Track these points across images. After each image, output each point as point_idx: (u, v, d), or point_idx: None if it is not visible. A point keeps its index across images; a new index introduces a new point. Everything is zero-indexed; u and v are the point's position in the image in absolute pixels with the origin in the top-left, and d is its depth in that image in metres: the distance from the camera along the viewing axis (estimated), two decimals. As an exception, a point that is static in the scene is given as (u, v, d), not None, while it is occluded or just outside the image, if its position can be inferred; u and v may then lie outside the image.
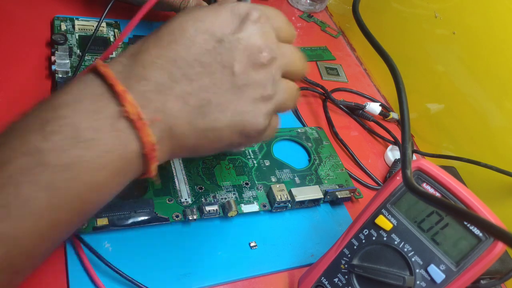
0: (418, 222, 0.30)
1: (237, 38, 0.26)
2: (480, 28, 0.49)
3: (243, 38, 0.26)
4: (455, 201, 0.28)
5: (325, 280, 0.34)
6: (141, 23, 0.58)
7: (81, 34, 0.50)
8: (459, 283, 0.28)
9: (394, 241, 0.30)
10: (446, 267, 0.28)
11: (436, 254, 0.29)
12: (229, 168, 0.43)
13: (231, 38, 0.26)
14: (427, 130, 0.57)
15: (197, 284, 0.35)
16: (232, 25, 0.26)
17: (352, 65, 0.66)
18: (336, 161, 0.48)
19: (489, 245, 0.27)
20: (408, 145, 0.28)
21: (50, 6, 0.53)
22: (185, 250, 0.37)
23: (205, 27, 0.25)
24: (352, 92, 0.60)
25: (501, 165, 0.46)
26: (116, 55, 0.27)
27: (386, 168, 0.53)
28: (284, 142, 0.49)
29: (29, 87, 0.44)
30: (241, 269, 0.37)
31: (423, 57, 0.57)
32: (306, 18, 0.71)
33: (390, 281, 0.29)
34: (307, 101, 0.57)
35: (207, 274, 0.36)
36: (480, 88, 0.50)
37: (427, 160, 0.41)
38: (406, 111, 0.29)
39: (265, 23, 0.27)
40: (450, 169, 0.51)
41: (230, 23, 0.26)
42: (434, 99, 0.56)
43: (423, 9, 0.56)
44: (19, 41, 0.48)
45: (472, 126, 0.51)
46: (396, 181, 0.31)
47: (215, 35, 0.25)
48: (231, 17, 0.26)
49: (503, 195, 0.47)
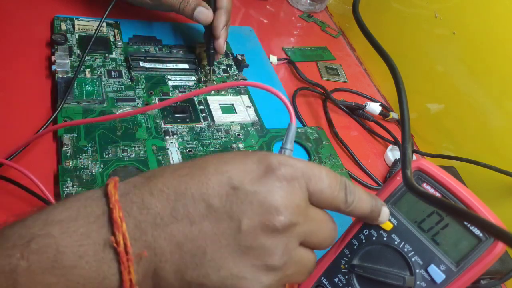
0: (418, 222, 0.30)
1: (254, 191, 0.23)
2: (480, 28, 0.49)
3: (260, 192, 0.23)
4: (455, 201, 0.28)
5: (325, 280, 0.34)
6: (141, 23, 0.59)
7: (81, 34, 0.50)
8: (459, 283, 0.28)
9: (394, 241, 0.30)
10: (446, 267, 0.28)
11: (436, 254, 0.29)
12: (229, 168, 0.43)
13: (247, 188, 0.23)
14: (427, 130, 0.57)
15: (197, 284, 0.35)
16: (253, 174, 0.23)
17: (352, 65, 0.66)
18: (336, 161, 0.49)
19: (489, 245, 0.27)
20: (408, 145, 0.28)
21: (50, 6, 0.53)
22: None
23: (226, 169, 0.23)
24: (352, 92, 0.60)
25: (501, 165, 0.46)
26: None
27: (386, 168, 0.53)
28: (284, 142, 0.49)
29: (29, 87, 0.44)
30: (241, 269, 0.37)
31: (423, 57, 0.57)
32: (306, 18, 0.71)
33: (390, 281, 0.29)
34: (307, 101, 0.57)
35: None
36: (480, 88, 0.50)
37: (427, 160, 0.41)
38: (406, 111, 0.29)
39: (295, 182, 0.24)
40: (450, 169, 0.51)
41: (253, 171, 0.23)
42: (434, 99, 0.56)
43: (423, 9, 0.56)
44: (19, 41, 0.48)
45: (472, 126, 0.51)
46: (396, 181, 0.31)
47: (231, 180, 0.23)
48: (256, 166, 0.24)
49: (503, 195, 0.47)
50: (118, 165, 0.39)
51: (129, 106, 0.45)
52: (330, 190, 0.25)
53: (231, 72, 0.54)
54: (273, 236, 0.23)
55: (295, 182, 0.24)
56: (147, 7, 0.51)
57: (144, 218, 0.22)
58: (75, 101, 0.43)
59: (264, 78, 0.56)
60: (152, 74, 0.50)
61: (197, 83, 0.51)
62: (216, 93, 0.51)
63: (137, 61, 0.49)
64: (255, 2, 0.70)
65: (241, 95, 0.52)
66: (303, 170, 0.24)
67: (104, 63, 0.48)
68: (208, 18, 0.47)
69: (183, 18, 0.51)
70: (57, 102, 0.42)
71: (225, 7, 0.47)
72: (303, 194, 0.24)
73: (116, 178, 0.24)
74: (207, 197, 0.23)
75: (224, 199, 0.23)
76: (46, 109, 0.43)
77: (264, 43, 0.62)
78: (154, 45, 0.53)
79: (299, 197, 0.24)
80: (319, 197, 0.25)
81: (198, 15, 0.46)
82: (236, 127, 0.48)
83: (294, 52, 0.64)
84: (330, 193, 0.25)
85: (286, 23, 0.70)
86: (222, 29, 0.48)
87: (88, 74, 0.46)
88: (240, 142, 0.46)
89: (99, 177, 0.37)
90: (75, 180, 0.37)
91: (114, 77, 0.47)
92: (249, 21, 0.66)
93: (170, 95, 0.48)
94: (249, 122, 0.49)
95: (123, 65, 0.49)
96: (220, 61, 0.55)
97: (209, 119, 0.47)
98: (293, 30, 0.69)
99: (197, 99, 0.49)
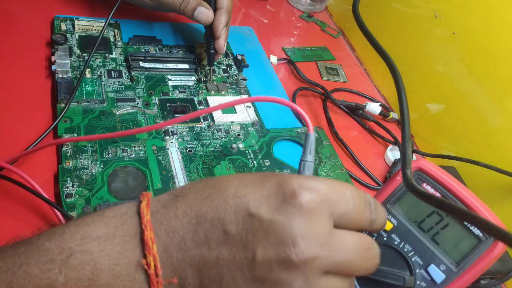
0: (418, 222, 0.30)
1: (270, 219, 0.21)
2: (480, 28, 0.49)
3: (277, 221, 0.21)
4: (455, 201, 0.28)
5: (325, 280, 0.33)
6: (141, 23, 0.59)
7: (81, 34, 0.50)
8: (459, 283, 0.28)
9: (394, 241, 0.30)
10: (446, 267, 0.28)
11: (436, 254, 0.29)
12: (229, 168, 0.43)
13: (264, 216, 0.21)
14: (427, 130, 0.57)
15: (197, 284, 0.35)
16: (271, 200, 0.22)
17: (352, 65, 0.66)
18: (336, 161, 0.49)
19: (489, 245, 0.27)
20: (408, 145, 0.28)
21: (50, 6, 0.53)
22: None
23: (244, 193, 0.22)
24: (352, 92, 0.60)
25: (501, 165, 0.46)
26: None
27: (386, 168, 0.53)
28: (284, 142, 0.49)
29: (29, 87, 0.44)
30: (241, 269, 0.37)
31: (423, 57, 0.57)
32: (306, 18, 0.71)
33: (390, 281, 0.29)
34: (307, 101, 0.57)
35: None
36: (480, 88, 0.50)
37: (427, 160, 0.41)
38: (406, 111, 0.29)
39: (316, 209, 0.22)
40: (450, 169, 0.51)
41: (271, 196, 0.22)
42: (434, 99, 0.56)
43: (423, 9, 0.56)
44: (19, 41, 0.48)
45: (472, 126, 0.51)
46: (396, 181, 0.31)
47: (248, 207, 0.22)
48: (276, 190, 0.22)
49: (503, 195, 0.47)
50: (118, 165, 0.39)
51: (129, 106, 0.45)
52: (355, 212, 0.23)
53: (231, 72, 0.54)
54: (290, 269, 0.21)
55: (316, 208, 0.22)
56: (147, 7, 0.51)
57: (171, 241, 0.22)
58: (75, 101, 0.43)
59: (264, 78, 0.56)
60: (152, 74, 0.50)
61: (197, 83, 0.51)
62: (216, 93, 0.51)
63: (137, 61, 0.49)
64: (255, 2, 0.70)
65: (241, 95, 0.52)
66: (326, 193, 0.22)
67: (104, 63, 0.48)
68: (209, 18, 0.47)
69: (183, 18, 0.51)
70: (57, 102, 0.42)
71: (226, 7, 0.47)
72: (326, 221, 0.22)
73: (149, 195, 0.24)
74: (223, 223, 0.22)
75: (241, 226, 0.22)
76: (46, 109, 0.43)
77: (264, 43, 0.62)
78: (154, 45, 0.53)
79: (321, 224, 0.22)
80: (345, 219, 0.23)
81: (199, 15, 0.46)
82: (236, 127, 0.48)
83: (294, 52, 0.64)
84: (356, 215, 0.23)
85: (286, 23, 0.69)
86: (223, 29, 0.48)
87: (88, 74, 0.46)
88: (240, 142, 0.46)
89: (99, 177, 0.37)
90: (75, 180, 0.37)
91: (114, 77, 0.47)
92: (249, 21, 0.67)
93: (170, 95, 0.48)
94: (249, 122, 0.49)
95: (123, 65, 0.49)
96: (220, 61, 0.55)
97: (209, 119, 0.47)
98: (293, 30, 0.69)
99: (197, 99, 0.49)
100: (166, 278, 0.22)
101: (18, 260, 0.21)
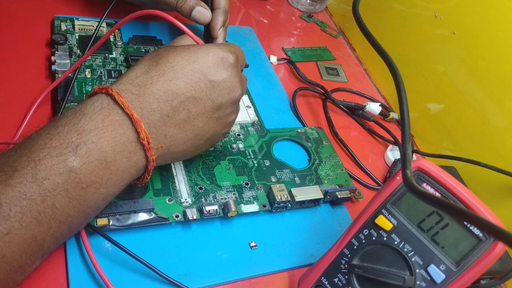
0: (418, 222, 0.30)
1: (222, 80, 0.34)
2: (480, 28, 0.49)
3: (225, 80, 0.34)
4: (455, 201, 0.28)
5: (325, 280, 0.34)
6: (141, 23, 0.59)
7: (81, 34, 0.50)
8: (459, 283, 0.28)
9: (394, 241, 0.30)
10: (446, 267, 0.28)
11: (436, 254, 0.29)
12: (229, 168, 0.43)
13: (218, 78, 0.33)
14: (427, 130, 0.57)
15: (197, 284, 0.35)
16: (218, 67, 0.33)
17: (352, 65, 0.66)
18: (336, 161, 0.49)
19: (489, 245, 0.27)
20: (408, 145, 0.28)
21: (50, 6, 0.53)
22: (185, 250, 0.37)
23: (198, 67, 0.32)
24: (352, 92, 0.60)
25: (501, 165, 0.46)
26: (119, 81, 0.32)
27: (386, 168, 0.53)
28: (284, 142, 0.49)
29: (29, 87, 0.44)
30: (241, 269, 0.37)
31: (423, 57, 0.57)
32: (306, 18, 0.71)
33: (390, 281, 0.29)
34: (307, 101, 0.57)
35: (207, 274, 0.36)
36: (480, 88, 0.50)
37: (427, 160, 0.41)
38: (406, 111, 0.29)
39: (237, 64, 0.35)
40: (450, 169, 0.51)
41: (216, 65, 0.33)
42: (434, 99, 0.56)
43: (423, 9, 0.56)
44: (19, 41, 0.48)
45: (472, 126, 0.51)
46: (396, 181, 0.31)
47: (206, 76, 0.33)
48: (216, 60, 0.33)
49: (503, 195, 0.47)
50: (118, 165, 0.39)
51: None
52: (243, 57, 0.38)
53: (231, 72, 0.54)
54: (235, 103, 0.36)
55: (237, 63, 0.35)
56: (144, 6, 0.51)
57: (154, 118, 0.31)
58: (76, 101, 0.43)
59: (264, 78, 0.56)
60: (152, 74, 0.49)
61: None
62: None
63: (137, 61, 0.49)
64: (255, 2, 0.70)
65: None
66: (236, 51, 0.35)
67: (104, 63, 0.48)
68: (207, 18, 0.47)
69: (183, 19, 0.51)
70: (57, 102, 0.42)
71: (223, 7, 0.47)
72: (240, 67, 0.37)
73: (106, 87, 0.30)
74: (194, 93, 0.32)
75: (205, 90, 0.33)
76: (46, 110, 0.43)
77: (264, 43, 0.62)
78: (154, 45, 0.53)
79: (240, 71, 0.36)
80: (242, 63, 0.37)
81: (197, 14, 0.46)
82: (236, 127, 0.48)
83: (294, 52, 0.64)
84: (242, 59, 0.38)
85: (286, 23, 0.70)
86: (220, 29, 0.48)
87: (88, 74, 0.46)
88: (240, 142, 0.46)
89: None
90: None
91: (114, 77, 0.47)
92: (249, 21, 0.67)
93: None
94: (249, 122, 0.49)
95: (123, 65, 0.49)
96: (220, 61, 0.55)
97: (209, 119, 0.47)
98: (293, 30, 0.69)
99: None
100: (156, 145, 0.31)
101: (31, 159, 0.26)
